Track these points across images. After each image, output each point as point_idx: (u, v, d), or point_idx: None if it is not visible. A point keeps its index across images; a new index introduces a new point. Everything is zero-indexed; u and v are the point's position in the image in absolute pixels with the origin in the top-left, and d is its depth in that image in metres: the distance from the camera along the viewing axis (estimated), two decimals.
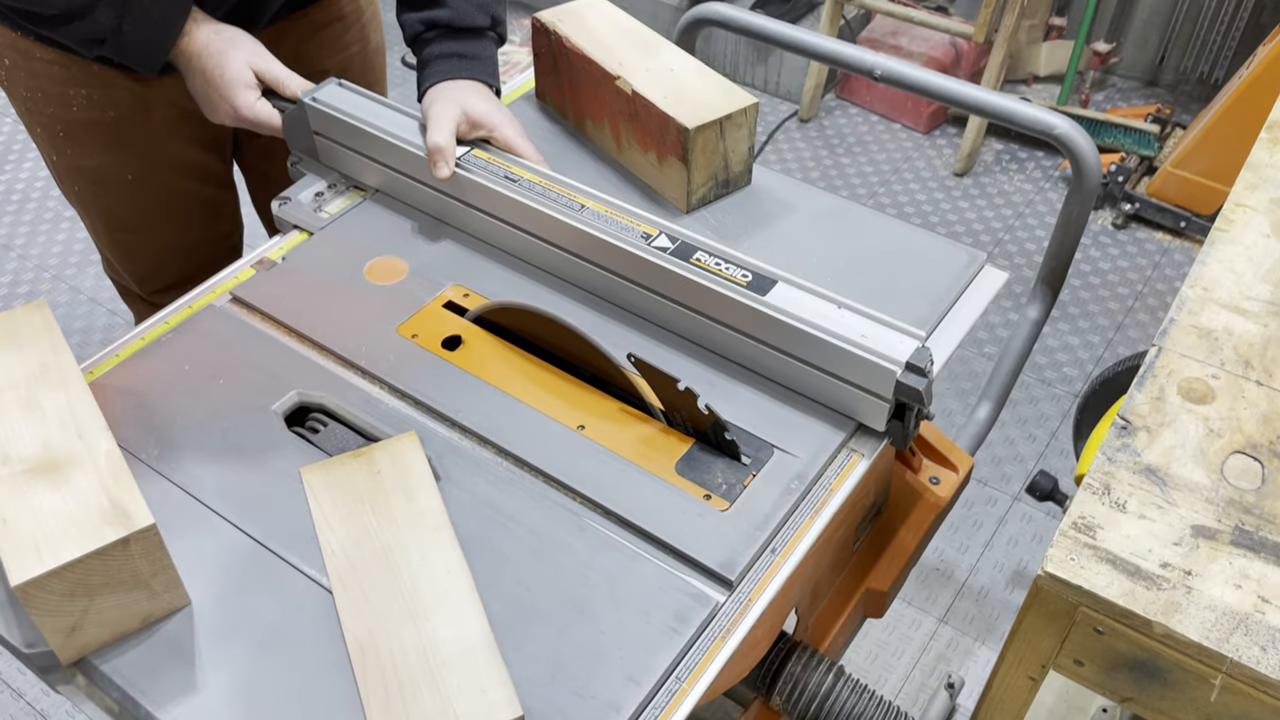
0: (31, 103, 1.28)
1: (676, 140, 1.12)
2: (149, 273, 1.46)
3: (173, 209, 1.40)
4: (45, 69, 1.24)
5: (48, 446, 0.84)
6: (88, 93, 1.26)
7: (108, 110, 1.28)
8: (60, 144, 1.31)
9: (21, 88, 1.27)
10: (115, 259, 1.46)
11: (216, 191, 1.44)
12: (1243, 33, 2.91)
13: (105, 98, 1.27)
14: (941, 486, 1.19)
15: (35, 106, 1.28)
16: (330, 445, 0.99)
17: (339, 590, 0.85)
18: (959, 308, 1.02)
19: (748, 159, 1.19)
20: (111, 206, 1.38)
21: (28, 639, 0.82)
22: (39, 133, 1.32)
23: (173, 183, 1.37)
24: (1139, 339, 2.45)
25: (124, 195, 1.36)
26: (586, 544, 0.90)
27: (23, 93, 1.28)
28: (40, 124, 1.30)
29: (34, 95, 1.27)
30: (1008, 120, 1.26)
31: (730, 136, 1.15)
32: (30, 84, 1.26)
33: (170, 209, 1.39)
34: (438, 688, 0.78)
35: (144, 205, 1.37)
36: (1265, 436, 0.86)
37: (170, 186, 1.37)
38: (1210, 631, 0.74)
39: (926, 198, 2.83)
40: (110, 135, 1.30)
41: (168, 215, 1.40)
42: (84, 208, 1.40)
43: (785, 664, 1.06)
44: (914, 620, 1.94)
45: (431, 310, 1.10)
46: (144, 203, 1.37)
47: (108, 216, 1.39)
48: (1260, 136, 1.15)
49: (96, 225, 1.42)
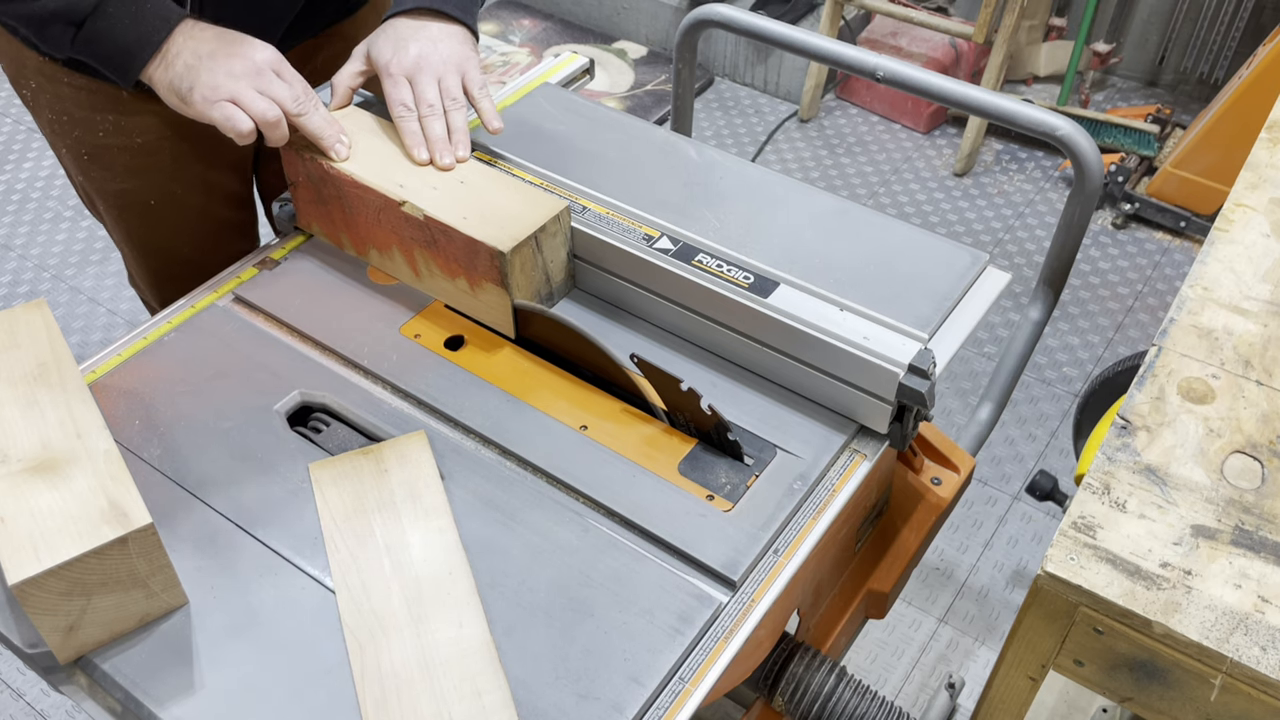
0: (57, 125, 1.26)
1: (490, 265, 1.00)
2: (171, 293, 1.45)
3: (195, 230, 1.39)
4: (72, 94, 1.22)
5: (47, 446, 0.84)
6: (114, 119, 1.24)
7: (134, 136, 1.26)
8: (85, 166, 1.30)
9: (47, 110, 1.25)
10: (139, 277, 1.46)
11: (237, 212, 1.43)
12: (1243, 33, 2.91)
13: (132, 124, 1.24)
14: (943, 487, 1.19)
15: (61, 130, 1.26)
16: (333, 445, 0.99)
17: (341, 589, 0.85)
18: (961, 309, 1.02)
19: (568, 264, 1.08)
20: (136, 228, 1.37)
21: (30, 639, 0.83)
22: (64, 154, 1.31)
23: (196, 205, 1.36)
24: (1139, 339, 2.45)
25: (148, 217, 1.35)
26: (589, 544, 0.90)
27: (48, 115, 1.26)
28: (65, 146, 1.29)
29: (59, 119, 1.25)
30: (1010, 122, 1.26)
31: (547, 247, 1.04)
32: (56, 107, 1.24)
33: (193, 230, 1.38)
34: (435, 690, 0.78)
35: (167, 227, 1.36)
36: (1265, 436, 0.86)
37: (194, 208, 1.36)
38: (1210, 631, 0.74)
39: (926, 198, 2.83)
40: (136, 160, 1.28)
41: (190, 236, 1.39)
42: (109, 227, 1.40)
43: (787, 665, 1.07)
44: (914, 620, 1.94)
45: (434, 310, 1.10)
46: (167, 225, 1.36)
47: (131, 238, 1.38)
48: (1260, 136, 1.15)
49: (122, 244, 1.42)
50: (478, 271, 1.02)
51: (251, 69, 1.02)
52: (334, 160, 1.06)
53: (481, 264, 1.00)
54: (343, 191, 1.07)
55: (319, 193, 1.10)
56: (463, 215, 1.01)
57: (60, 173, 2.92)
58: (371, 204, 1.06)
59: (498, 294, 1.02)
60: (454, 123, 1.09)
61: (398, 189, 1.04)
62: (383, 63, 1.10)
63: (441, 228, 1.01)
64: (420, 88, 1.09)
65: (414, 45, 1.09)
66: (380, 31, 1.12)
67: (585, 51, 3.02)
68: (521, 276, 1.01)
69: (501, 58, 3.28)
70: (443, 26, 1.11)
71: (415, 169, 1.07)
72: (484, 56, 3.28)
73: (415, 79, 1.09)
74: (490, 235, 0.99)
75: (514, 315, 1.04)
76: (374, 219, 1.07)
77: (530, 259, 1.02)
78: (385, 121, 1.12)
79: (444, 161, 1.07)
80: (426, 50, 1.09)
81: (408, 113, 1.08)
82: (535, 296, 1.05)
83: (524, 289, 1.03)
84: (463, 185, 1.05)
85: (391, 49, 1.09)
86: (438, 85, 1.09)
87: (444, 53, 1.10)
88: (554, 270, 1.06)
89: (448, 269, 1.05)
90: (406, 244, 1.06)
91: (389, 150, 1.09)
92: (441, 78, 1.10)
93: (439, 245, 1.03)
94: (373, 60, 1.11)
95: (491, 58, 3.28)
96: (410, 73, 1.09)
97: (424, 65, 1.09)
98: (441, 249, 1.03)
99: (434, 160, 1.08)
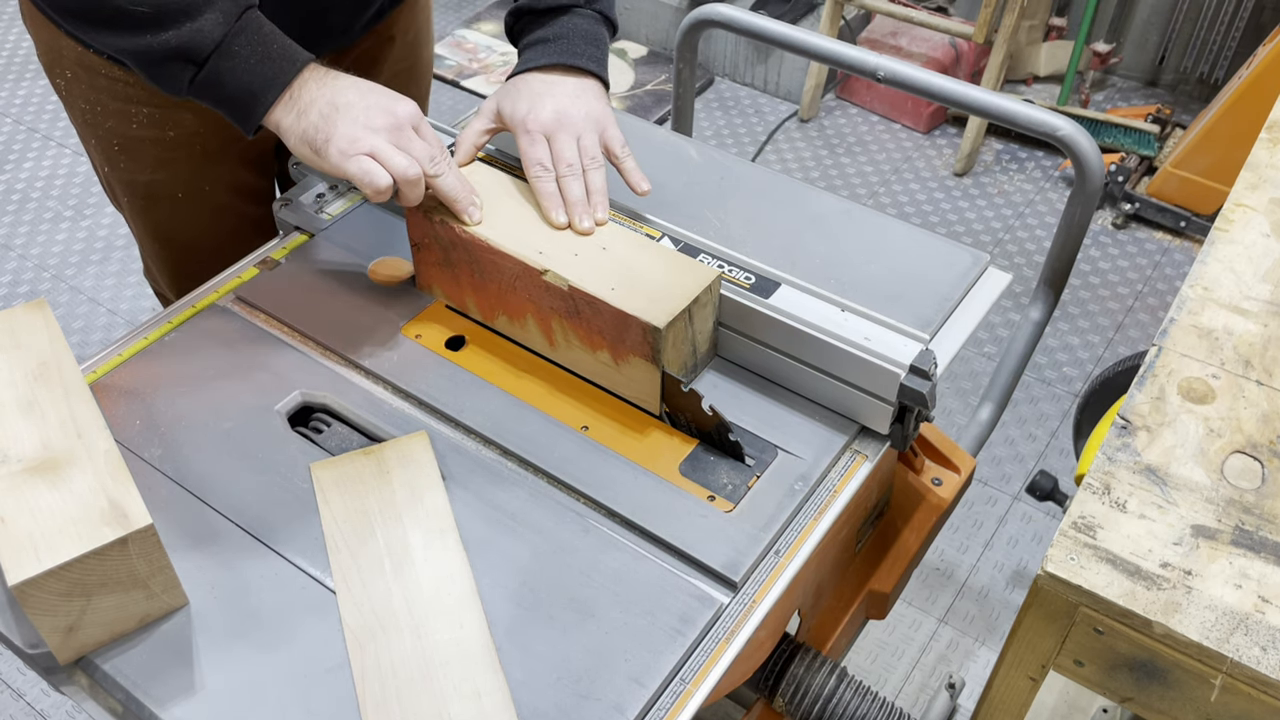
0: (90, 115, 1.26)
1: (642, 340, 0.94)
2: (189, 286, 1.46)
3: (218, 225, 1.39)
4: (109, 85, 1.22)
5: (47, 446, 0.84)
6: (149, 111, 1.24)
7: (167, 130, 1.26)
8: (114, 157, 1.30)
9: (81, 101, 1.25)
10: (158, 270, 1.46)
11: (258, 208, 1.43)
12: (1243, 33, 2.91)
13: (166, 117, 1.24)
14: (944, 488, 1.19)
15: (94, 120, 1.26)
16: (333, 445, 0.99)
17: (342, 589, 0.85)
18: (962, 310, 1.02)
19: (713, 335, 1.02)
20: (160, 221, 1.37)
21: (31, 639, 0.83)
22: (93, 144, 1.31)
23: (221, 200, 1.36)
24: (1139, 339, 2.45)
25: (173, 210, 1.35)
26: (590, 545, 0.90)
27: (82, 105, 1.26)
28: (96, 136, 1.29)
29: (93, 109, 1.25)
30: (1011, 122, 1.26)
31: (698, 318, 0.97)
32: (91, 98, 1.24)
33: (216, 225, 1.39)
34: (435, 690, 0.79)
35: (191, 221, 1.37)
36: (1265, 436, 0.86)
37: (219, 204, 1.36)
38: (1210, 631, 0.74)
39: (926, 198, 2.83)
40: (166, 153, 1.28)
41: (213, 231, 1.39)
42: (131, 219, 1.40)
43: (788, 666, 1.07)
44: (914, 620, 1.94)
45: (435, 310, 1.10)
46: (191, 218, 1.36)
47: (155, 230, 1.38)
48: (1260, 136, 1.15)
49: (143, 237, 1.42)
50: (625, 345, 0.96)
51: (392, 123, 0.97)
52: (467, 224, 1.01)
53: (631, 338, 0.94)
54: (475, 257, 1.01)
55: (447, 256, 1.04)
56: (610, 286, 0.95)
57: (60, 173, 2.92)
58: (508, 271, 1.00)
59: (645, 369, 0.96)
60: (592, 183, 1.04)
61: (538, 256, 0.98)
62: (518, 119, 1.05)
63: (587, 299, 0.95)
64: (558, 146, 1.04)
65: (549, 101, 1.05)
66: (511, 87, 1.08)
67: None
68: (673, 351, 0.95)
69: (501, 58, 3.27)
70: (577, 81, 1.08)
71: (552, 233, 1.01)
72: (484, 57, 3.29)
73: (553, 137, 1.04)
74: (642, 309, 0.93)
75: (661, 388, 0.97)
76: (509, 286, 1.01)
77: (682, 332, 0.96)
78: (510, 177, 1.07)
79: (583, 225, 1.01)
80: (564, 106, 1.05)
81: (545, 173, 1.03)
82: (682, 369, 0.99)
83: (674, 363, 0.97)
84: (605, 252, 0.99)
85: (527, 105, 1.05)
86: (576, 143, 1.05)
87: (582, 110, 1.06)
88: (701, 341, 1.00)
89: (589, 341, 0.99)
90: (544, 313, 1.00)
91: (522, 212, 1.03)
92: (580, 136, 1.05)
93: (582, 316, 0.97)
94: (505, 117, 1.07)
95: (491, 58, 3.28)
96: (548, 130, 1.05)
97: (563, 123, 1.05)
98: (585, 320, 0.97)
99: (572, 224, 1.02)
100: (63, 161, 2.96)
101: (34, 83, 3.24)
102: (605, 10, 1.11)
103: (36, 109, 3.14)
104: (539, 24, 1.10)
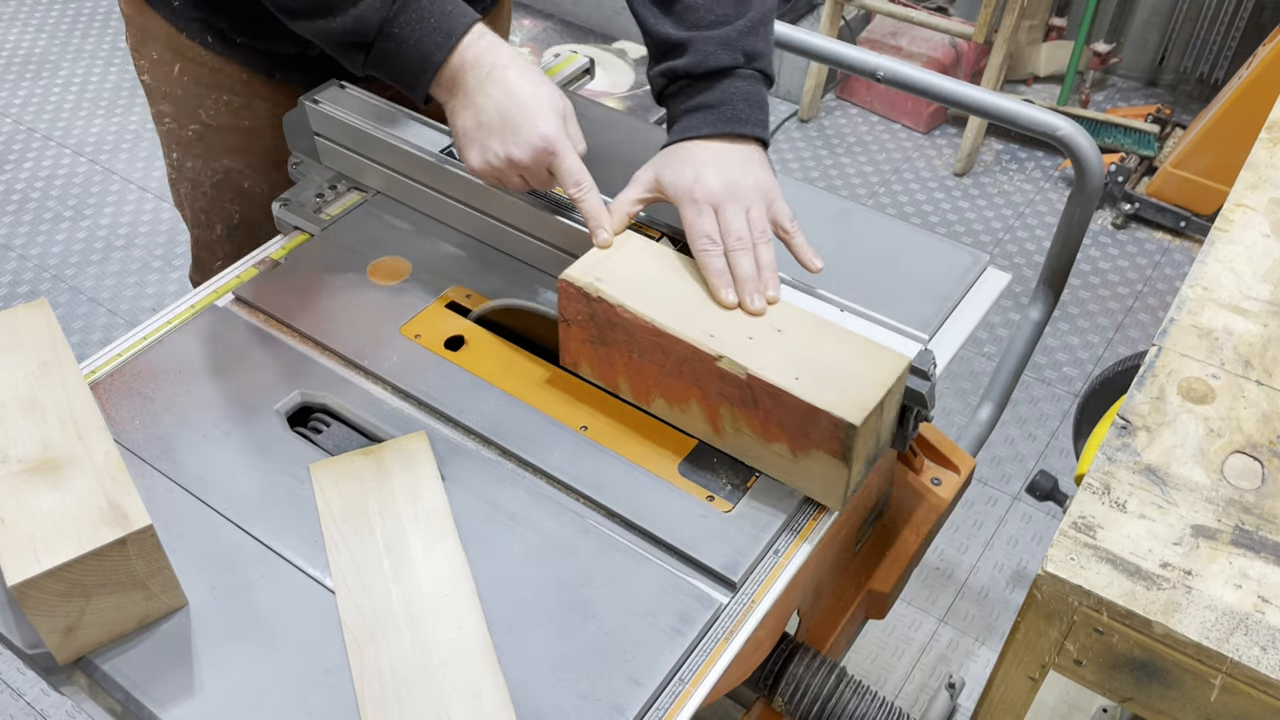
0: (171, 100, 1.26)
1: (829, 435, 0.86)
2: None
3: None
4: (196, 70, 1.22)
5: (47, 446, 0.84)
6: (229, 99, 1.24)
7: (244, 119, 1.26)
8: (189, 144, 1.30)
9: (164, 85, 1.25)
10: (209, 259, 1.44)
11: None
12: (1243, 33, 2.92)
13: (245, 107, 1.25)
14: (943, 488, 1.19)
15: (174, 103, 1.26)
16: (333, 445, 0.99)
17: (341, 590, 0.85)
18: (962, 310, 1.02)
19: (894, 424, 0.94)
20: (225, 211, 1.37)
21: (30, 640, 0.83)
22: (170, 128, 1.30)
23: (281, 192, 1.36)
24: (1139, 339, 2.45)
25: (238, 200, 1.35)
26: (590, 545, 0.90)
27: (164, 89, 1.26)
28: (176, 121, 1.28)
29: (174, 92, 1.25)
30: (1011, 122, 1.26)
31: (888, 408, 0.89)
32: (173, 80, 1.24)
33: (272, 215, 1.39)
34: (434, 690, 0.79)
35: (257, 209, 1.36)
36: (1265, 436, 0.86)
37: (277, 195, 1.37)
38: (1210, 631, 0.74)
39: (926, 198, 2.83)
40: (240, 142, 1.28)
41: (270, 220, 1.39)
42: (193, 208, 1.39)
43: (788, 665, 1.07)
44: (914, 620, 1.94)
45: (434, 310, 1.10)
46: (257, 207, 1.36)
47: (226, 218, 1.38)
48: (1260, 136, 1.15)
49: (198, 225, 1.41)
50: (809, 439, 0.88)
51: (528, 155, 0.97)
52: (596, 245, 0.99)
53: (818, 433, 0.86)
54: (635, 338, 0.93)
55: (601, 335, 0.96)
56: (794, 375, 0.87)
57: (60, 173, 2.92)
58: (673, 354, 0.92)
59: (829, 463, 0.88)
60: (762, 258, 0.97)
61: (709, 339, 0.90)
62: (683, 189, 0.99)
63: (767, 389, 0.87)
64: (726, 219, 0.97)
65: (714, 170, 0.99)
66: (672, 154, 1.02)
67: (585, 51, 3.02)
68: (862, 446, 0.87)
69: None
70: (743, 149, 1.02)
71: (720, 313, 0.93)
72: None
73: (721, 209, 0.98)
74: (833, 403, 0.85)
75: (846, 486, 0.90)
76: (673, 370, 0.93)
77: (874, 425, 0.87)
78: (671, 250, 1.00)
79: (754, 305, 0.94)
80: (733, 176, 0.99)
81: (713, 246, 0.96)
82: (864, 462, 0.91)
83: (860, 458, 0.88)
84: (780, 334, 0.91)
85: (693, 174, 0.99)
86: (745, 215, 0.98)
87: (751, 179, 1.00)
88: (884, 430, 0.92)
89: (764, 432, 0.90)
90: (712, 399, 0.92)
91: (686, 288, 0.95)
92: (749, 208, 0.99)
93: (760, 406, 0.89)
94: (666, 186, 1.00)
95: None
96: (716, 201, 0.98)
97: (732, 193, 0.98)
98: (763, 410, 0.89)
99: (742, 303, 0.95)
100: (63, 161, 2.96)
101: (34, 83, 3.25)
102: (765, 69, 1.05)
103: (36, 109, 3.14)
104: (698, 89, 1.03)
